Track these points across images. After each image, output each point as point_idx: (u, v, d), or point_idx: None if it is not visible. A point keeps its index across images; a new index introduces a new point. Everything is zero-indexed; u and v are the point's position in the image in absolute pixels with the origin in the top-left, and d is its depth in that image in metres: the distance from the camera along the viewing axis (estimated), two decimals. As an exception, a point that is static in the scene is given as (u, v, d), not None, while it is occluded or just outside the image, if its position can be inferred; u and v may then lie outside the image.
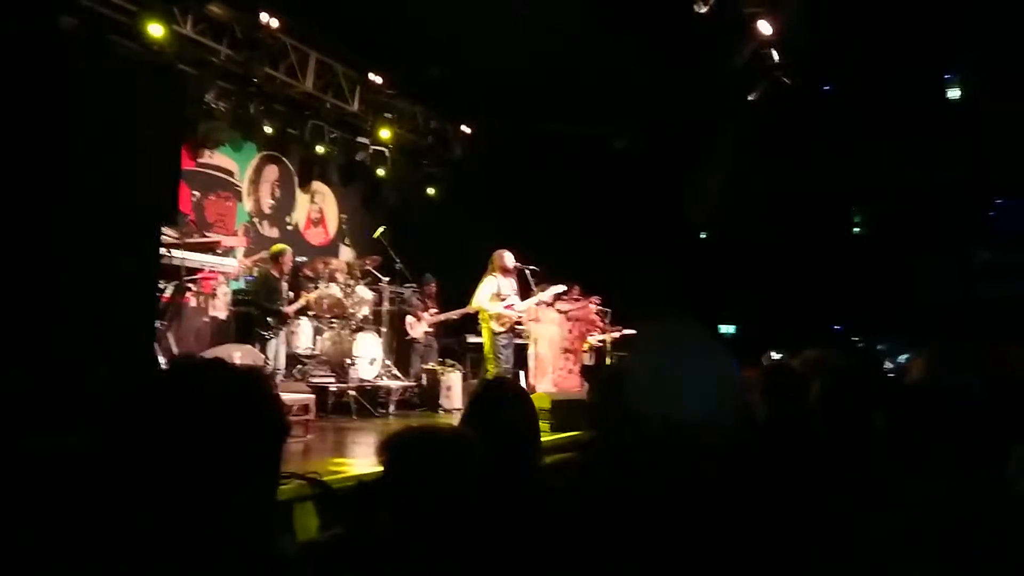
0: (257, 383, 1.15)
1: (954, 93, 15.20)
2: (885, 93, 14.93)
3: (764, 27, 9.30)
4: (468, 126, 12.52)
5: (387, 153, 11.78)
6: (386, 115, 11.31)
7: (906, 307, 15.89)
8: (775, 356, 7.80)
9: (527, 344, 9.03)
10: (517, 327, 8.79)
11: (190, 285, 7.91)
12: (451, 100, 11.65)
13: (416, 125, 12.14)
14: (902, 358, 15.95)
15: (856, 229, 17.27)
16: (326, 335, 9.40)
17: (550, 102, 11.08)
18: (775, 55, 9.81)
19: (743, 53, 9.72)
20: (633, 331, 10.86)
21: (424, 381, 10.20)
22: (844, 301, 16.80)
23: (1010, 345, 3.72)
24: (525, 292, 8.60)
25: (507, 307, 8.30)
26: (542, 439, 5.40)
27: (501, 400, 2.42)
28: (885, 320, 16.63)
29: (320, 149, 11.30)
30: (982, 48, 14.00)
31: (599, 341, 10.61)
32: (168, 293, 7.27)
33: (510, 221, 10.70)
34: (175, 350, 7.21)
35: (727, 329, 18.91)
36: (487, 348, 8.35)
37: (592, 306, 10.46)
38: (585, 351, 10.24)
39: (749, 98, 10.94)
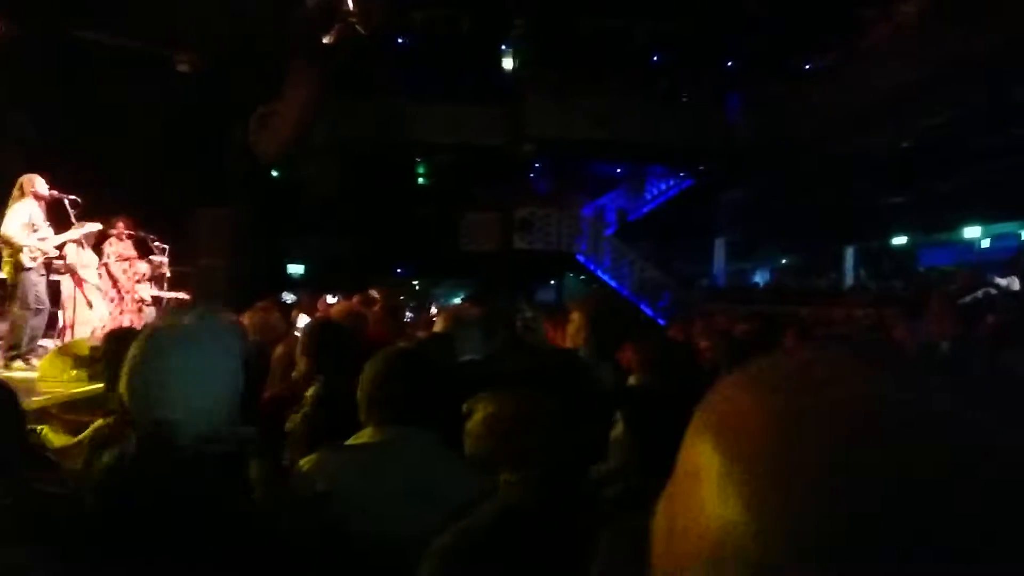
0: None
1: (508, 63, 17.02)
2: (451, 54, 16.11)
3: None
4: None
5: None
6: None
7: (454, 253, 17.54)
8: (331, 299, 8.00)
9: (62, 281, 8.03)
10: (55, 263, 7.75)
11: None
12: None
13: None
14: (456, 299, 17.72)
15: (420, 180, 18.48)
16: None
17: (103, 8, 9.78)
18: (350, 2, 9.91)
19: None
20: (187, 296, 10.34)
21: (-75, 322, 8.48)
22: (406, 245, 17.95)
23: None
24: (63, 224, 7.59)
25: (41, 239, 7.24)
26: (75, 391, 4.86)
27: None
28: (439, 264, 18.20)
29: None
30: (531, 22, 15.85)
31: (153, 297, 9.84)
32: None
33: (46, 140, 9.31)
34: None
35: (296, 269, 19.01)
36: (13, 284, 7.21)
37: (157, 250, 9.68)
38: (139, 298, 9.42)
39: (324, 41, 10.94)
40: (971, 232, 17.72)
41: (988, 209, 15.99)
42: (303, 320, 6.79)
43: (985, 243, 17.79)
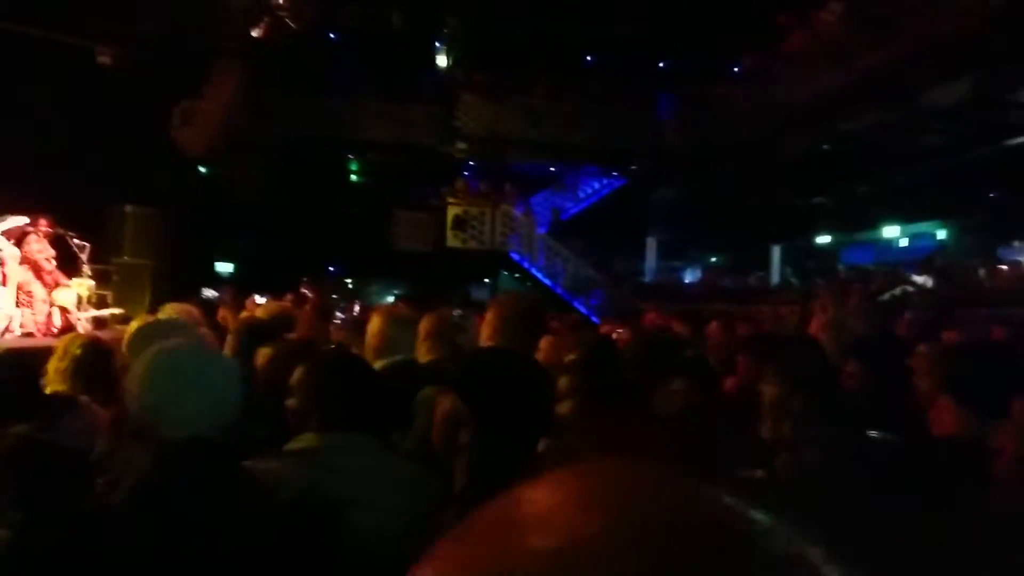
0: None
1: (442, 61, 16.96)
2: (384, 50, 15.96)
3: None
4: None
5: None
6: None
7: (387, 252, 17.38)
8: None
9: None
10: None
11: None
12: None
13: None
14: (389, 298, 17.58)
15: (352, 178, 18.26)
16: None
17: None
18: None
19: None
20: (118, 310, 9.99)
21: None
22: (338, 244, 17.69)
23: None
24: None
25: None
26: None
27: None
28: (372, 263, 17.99)
29: None
30: (464, 21, 15.84)
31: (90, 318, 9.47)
32: None
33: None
34: None
35: (225, 268, 18.57)
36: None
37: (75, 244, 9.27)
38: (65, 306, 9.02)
39: (253, 35, 10.73)
40: (890, 232, 18.40)
41: (906, 209, 16.65)
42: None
43: (903, 242, 18.50)
